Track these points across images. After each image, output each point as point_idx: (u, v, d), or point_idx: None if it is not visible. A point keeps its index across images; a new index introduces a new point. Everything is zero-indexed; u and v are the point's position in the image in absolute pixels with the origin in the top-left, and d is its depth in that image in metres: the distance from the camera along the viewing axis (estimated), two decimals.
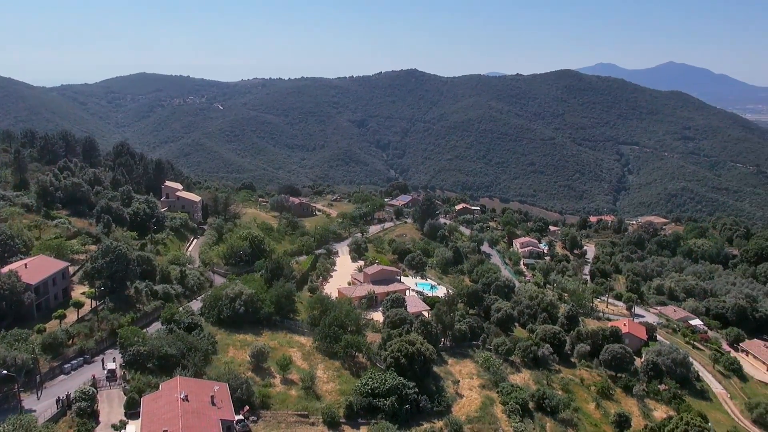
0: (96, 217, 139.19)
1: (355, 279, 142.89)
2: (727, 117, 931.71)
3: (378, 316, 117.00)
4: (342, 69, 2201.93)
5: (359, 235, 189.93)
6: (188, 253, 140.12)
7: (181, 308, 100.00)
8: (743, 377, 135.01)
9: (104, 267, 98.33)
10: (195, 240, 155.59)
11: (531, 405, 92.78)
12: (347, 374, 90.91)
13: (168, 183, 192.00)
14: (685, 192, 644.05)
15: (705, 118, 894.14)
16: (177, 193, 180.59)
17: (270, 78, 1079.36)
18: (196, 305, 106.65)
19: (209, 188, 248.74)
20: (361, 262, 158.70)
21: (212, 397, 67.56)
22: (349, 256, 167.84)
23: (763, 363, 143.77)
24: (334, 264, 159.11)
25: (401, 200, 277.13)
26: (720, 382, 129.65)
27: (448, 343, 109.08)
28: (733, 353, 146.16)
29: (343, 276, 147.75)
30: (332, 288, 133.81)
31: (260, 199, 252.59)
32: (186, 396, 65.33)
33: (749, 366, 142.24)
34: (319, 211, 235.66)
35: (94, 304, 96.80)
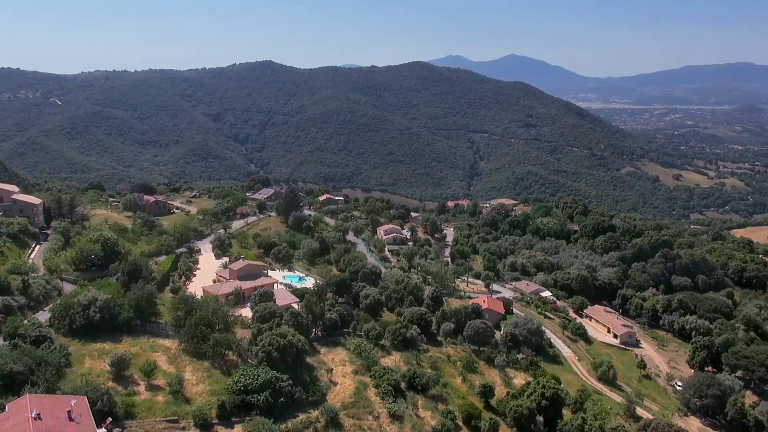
0: None
1: (220, 276, 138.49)
2: (563, 105, 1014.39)
3: (246, 312, 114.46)
4: (193, 60, 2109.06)
5: (222, 231, 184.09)
6: (30, 261, 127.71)
7: (25, 321, 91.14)
8: (588, 340, 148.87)
9: None
10: (38, 246, 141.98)
11: (403, 385, 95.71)
12: (218, 374, 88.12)
13: (1, 185, 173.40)
14: (531, 175, 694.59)
15: (544, 106, 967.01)
16: (13, 197, 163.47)
17: (114, 70, 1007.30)
18: (43, 316, 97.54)
19: (51, 190, 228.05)
20: (226, 259, 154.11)
21: (69, 412, 62.30)
22: (212, 254, 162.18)
23: (604, 326, 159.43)
24: (196, 262, 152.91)
25: (263, 194, 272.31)
26: (569, 347, 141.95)
27: (319, 332, 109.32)
28: (578, 319, 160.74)
29: (208, 274, 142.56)
30: (196, 287, 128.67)
31: (111, 199, 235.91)
32: (38, 414, 59.69)
33: (592, 330, 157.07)
34: (178, 208, 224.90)
35: None
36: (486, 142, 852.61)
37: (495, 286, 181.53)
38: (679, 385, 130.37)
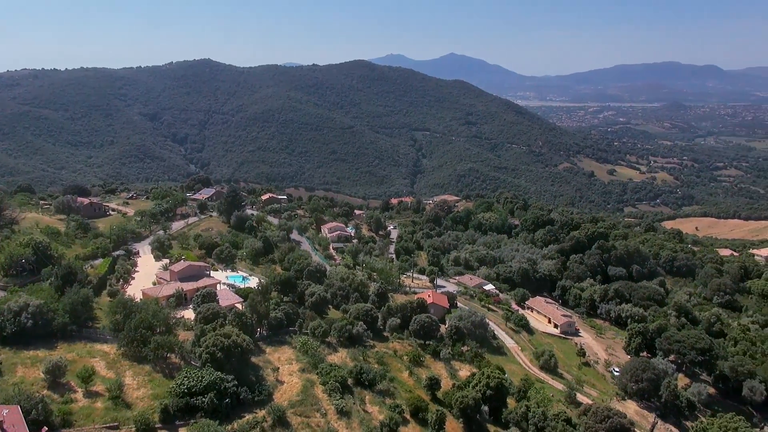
0: None
1: (160, 278, 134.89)
2: (502, 103, 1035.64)
3: (189, 313, 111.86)
4: (128, 59, 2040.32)
5: (161, 232, 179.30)
6: None
7: None
8: (530, 331, 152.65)
9: None
10: None
11: (350, 381, 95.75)
12: (160, 377, 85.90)
13: None
14: (472, 172, 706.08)
15: (484, 104, 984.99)
16: None
17: (43, 69, 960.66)
18: None
19: None
20: (166, 260, 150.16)
21: (1, 422, 59.82)
22: (152, 255, 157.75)
23: (545, 317, 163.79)
24: (135, 265, 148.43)
25: (204, 194, 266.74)
26: (512, 338, 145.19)
27: (264, 332, 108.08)
28: (520, 311, 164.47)
29: (147, 276, 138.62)
30: (135, 290, 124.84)
31: (42, 202, 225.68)
32: None
33: (534, 320, 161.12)
34: (114, 210, 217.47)
35: None
36: (428, 140, 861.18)
37: (439, 281, 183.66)
38: (616, 371, 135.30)
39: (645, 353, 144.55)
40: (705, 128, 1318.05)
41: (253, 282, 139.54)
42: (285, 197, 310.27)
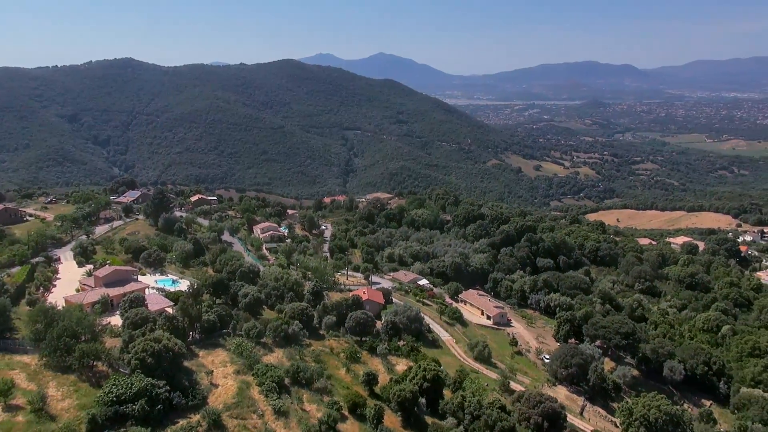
0: None
1: (84, 284, 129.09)
2: (431, 102, 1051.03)
3: (116, 320, 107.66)
4: (43, 58, 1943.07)
5: (84, 237, 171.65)
6: None
7: None
8: (464, 323, 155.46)
9: None
10: None
11: (287, 381, 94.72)
12: (86, 387, 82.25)
13: None
14: (404, 170, 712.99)
15: (414, 103, 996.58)
16: None
17: None
18: None
19: None
20: (90, 266, 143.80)
21: None
22: (74, 261, 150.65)
23: (478, 309, 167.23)
24: (56, 272, 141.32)
25: (129, 196, 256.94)
26: (447, 331, 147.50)
27: (197, 335, 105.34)
28: (454, 304, 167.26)
29: (70, 283, 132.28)
30: (57, 297, 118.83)
31: None
32: None
33: (467, 313, 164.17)
34: (31, 215, 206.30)
35: None
36: (360, 139, 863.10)
37: (374, 278, 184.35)
38: (547, 358, 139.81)
39: (573, 340, 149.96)
40: (623, 124, 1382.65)
41: (183, 285, 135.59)
42: (215, 198, 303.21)
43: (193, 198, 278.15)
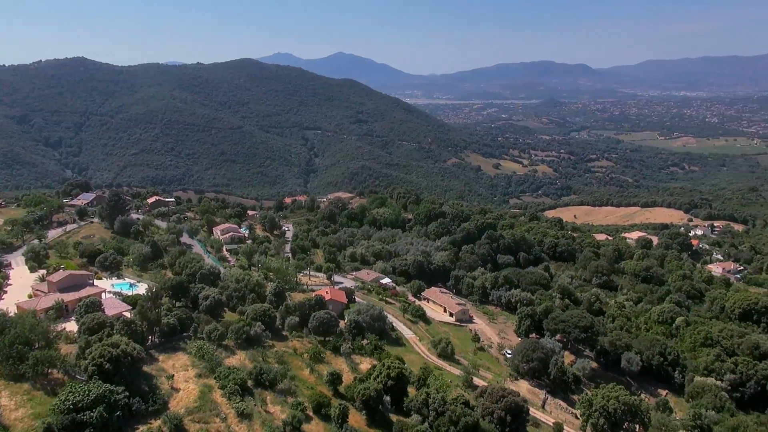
0: None
1: (37, 290, 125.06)
2: (391, 101, 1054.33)
3: (72, 325, 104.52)
4: None
5: (36, 241, 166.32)
6: None
7: None
8: (427, 321, 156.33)
9: None
10: None
11: (249, 383, 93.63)
12: (41, 395, 79.66)
13: None
14: (365, 169, 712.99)
15: (374, 102, 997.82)
16: None
17: None
18: None
19: None
20: (43, 271, 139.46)
21: None
22: (26, 267, 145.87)
23: (440, 306, 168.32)
24: (7, 278, 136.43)
25: (84, 199, 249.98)
26: (410, 329, 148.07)
27: (156, 339, 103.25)
28: (417, 302, 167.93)
29: (22, 289, 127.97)
30: (9, 304, 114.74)
31: None
32: None
33: (430, 311, 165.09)
34: None
35: None
36: (320, 139, 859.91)
37: (337, 277, 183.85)
38: (508, 353, 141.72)
39: (534, 335, 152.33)
40: (578, 123, 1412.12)
41: (141, 289, 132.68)
42: (173, 200, 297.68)
43: (150, 200, 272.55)
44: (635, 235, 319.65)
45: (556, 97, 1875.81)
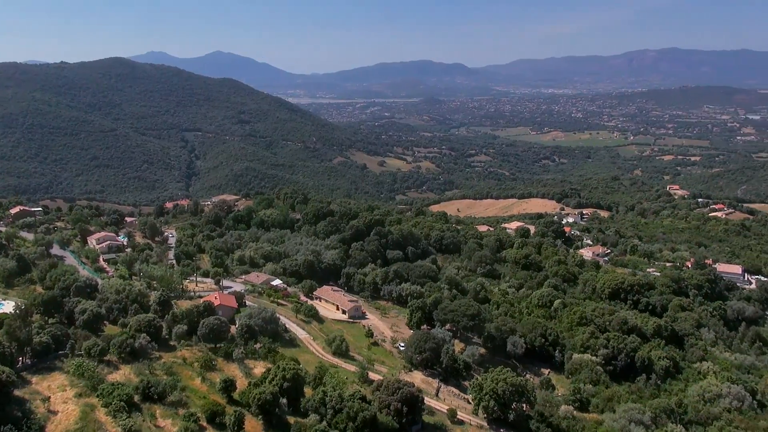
0: None
1: None
2: (274, 101, 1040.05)
3: None
4: None
5: None
6: None
7: None
8: (320, 320, 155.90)
9: None
10: None
11: (136, 398, 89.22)
12: None
13: None
14: (249, 171, 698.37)
15: (256, 102, 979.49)
16: None
17: None
18: None
19: None
20: None
21: None
22: None
23: (333, 304, 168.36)
24: None
25: None
26: (304, 329, 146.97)
27: (28, 360, 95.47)
28: (309, 302, 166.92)
29: None
30: None
31: None
32: None
33: (323, 309, 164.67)
34: None
35: None
36: (201, 141, 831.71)
37: (226, 282, 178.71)
38: (402, 346, 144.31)
39: (425, 326, 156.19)
40: (457, 120, 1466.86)
41: (8, 306, 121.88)
42: (40, 210, 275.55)
43: (14, 210, 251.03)
44: (514, 225, 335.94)
45: (436, 96, 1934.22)
